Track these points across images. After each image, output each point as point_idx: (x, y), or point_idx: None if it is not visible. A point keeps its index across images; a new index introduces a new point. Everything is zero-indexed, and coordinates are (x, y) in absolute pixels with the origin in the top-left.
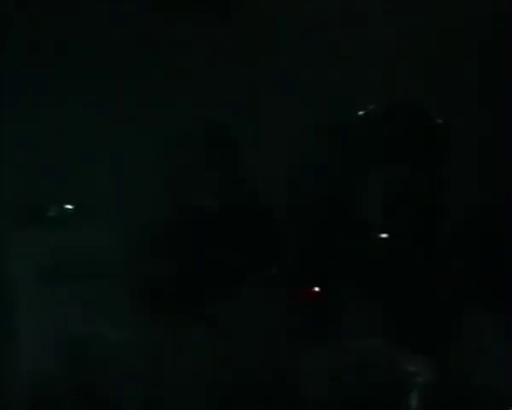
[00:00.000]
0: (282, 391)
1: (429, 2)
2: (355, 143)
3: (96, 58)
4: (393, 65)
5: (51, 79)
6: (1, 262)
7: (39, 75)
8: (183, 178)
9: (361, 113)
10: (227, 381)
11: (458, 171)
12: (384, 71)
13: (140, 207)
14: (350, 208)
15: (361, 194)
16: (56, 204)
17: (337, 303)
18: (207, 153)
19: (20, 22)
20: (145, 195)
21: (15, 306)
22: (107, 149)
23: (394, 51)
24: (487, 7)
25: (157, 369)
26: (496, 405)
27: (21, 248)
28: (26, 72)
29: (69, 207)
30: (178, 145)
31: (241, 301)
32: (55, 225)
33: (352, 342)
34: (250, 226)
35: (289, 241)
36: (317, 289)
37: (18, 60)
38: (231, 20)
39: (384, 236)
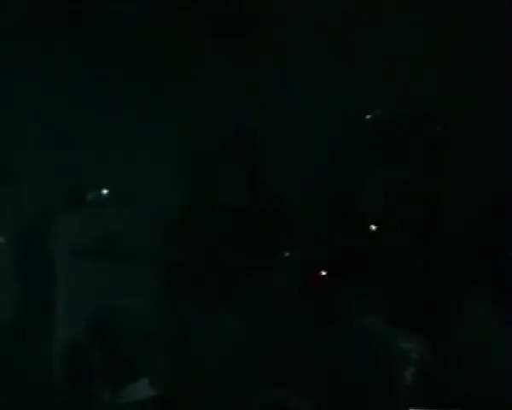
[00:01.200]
0: (294, 363)
1: (424, 5)
2: (360, 146)
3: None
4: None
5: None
6: (44, 240)
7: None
8: (211, 176)
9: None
10: (244, 353)
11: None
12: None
13: (173, 199)
14: (354, 204)
15: (364, 192)
16: (96, 189)
17: (342, 287)
18: (234, 154)
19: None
20: (178, 188)
21: (56, 279)
22: (145, 145)
23: (393, 56)
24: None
25: (183, 341)
26: (488, 381)
27: (62, 228)
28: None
29: (107, 191)
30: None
31: (258, 282)
32: (94, 207)
33: (352, 321)
34: (267, 220)
35: (302, 232)
36: (323, 273)
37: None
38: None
39: (384, 229)
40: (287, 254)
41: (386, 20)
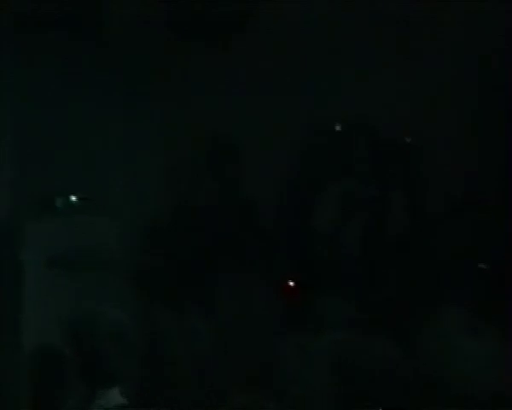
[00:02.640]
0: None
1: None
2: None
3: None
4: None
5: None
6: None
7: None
8: (185, 180)
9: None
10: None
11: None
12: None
13: (144, 204)
14: (318, 215)
15: (324, 203)
16: (67, 195)
17: (310, 297)
18: (211, 159)
19: None
20: (150, 192)
21: (25, 287)
22: (121, 148)
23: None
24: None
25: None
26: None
27: (33, 236)
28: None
29: (79, 198)
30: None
31: (230, 290)
32: (65, 215)
33: (326, 333)
34: (239, 228)
35: (271, 241)
36: (291, 283)
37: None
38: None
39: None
40: (257, 262)
41: (356, 27)
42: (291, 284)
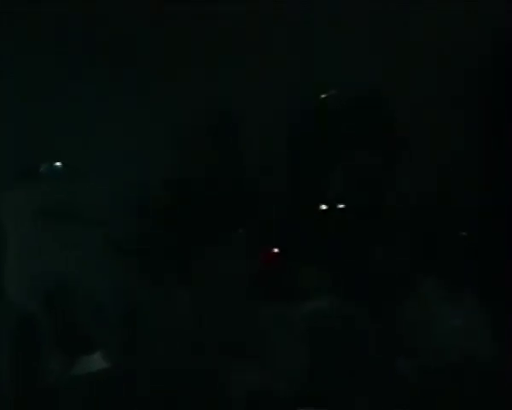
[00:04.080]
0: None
1: None
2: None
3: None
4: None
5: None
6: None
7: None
8: (169, 151)
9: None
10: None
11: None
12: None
13: (133, 175)
14: (314, 185)
15: (323, 174)
16: (58, 162)
17: (294, 265)
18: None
19: None
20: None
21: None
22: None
23: (356, 38)
24: None
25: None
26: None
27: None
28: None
29: (61, 165)
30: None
31: (213, 257)
32: (52, 182)
33: (305, 301)
34: (225, 195)
35: (260, 208)
36: (276, 250)
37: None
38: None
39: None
40: (242, 229)
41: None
42: (275, 251)
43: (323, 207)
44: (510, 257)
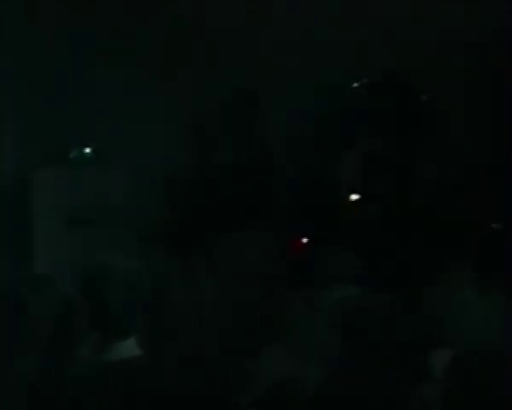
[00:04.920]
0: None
1: None
2: (343, 116)
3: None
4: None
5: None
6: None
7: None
8: (198, 136)
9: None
10: (221, 311)
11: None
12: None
13: (157, 160)
14: (336, 173)
15: (345, 161)
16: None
17: (322, 254)
18: (226, 116)
19: None
20: (165, 146)
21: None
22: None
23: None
24: None
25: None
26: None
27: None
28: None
29: (91, 150)
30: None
31: (241, 245)
32: (77, 167)
33: (333, 289)
34: (253, 183)
35: (284, 197)
36: (304, 240)
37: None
38: None
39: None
40: (270, 218)
41: None
42: (304, 240)
43: (353, 196)
44: None
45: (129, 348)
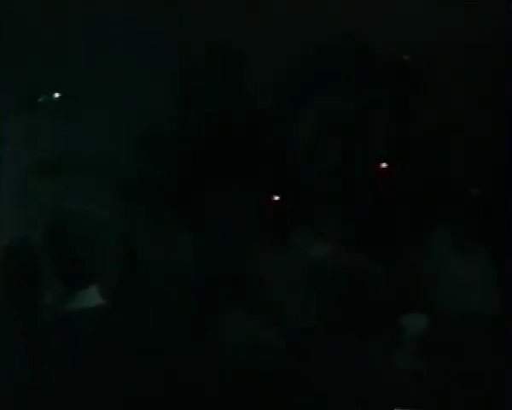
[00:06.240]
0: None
1: None
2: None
3: None
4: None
5: None
6: None
7: None
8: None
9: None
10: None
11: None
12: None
13: (137, 112)
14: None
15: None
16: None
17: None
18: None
19: None
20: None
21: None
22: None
23: None
24: None
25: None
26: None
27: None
28: None
29: (62, 95)
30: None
31: (217, 202)
32: (52, 114)
33: (306, 247)
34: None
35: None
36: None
37: None
38: None
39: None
40: (243, 177)
41: None
42: (276, 198)
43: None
44: None
45: (90, 297)
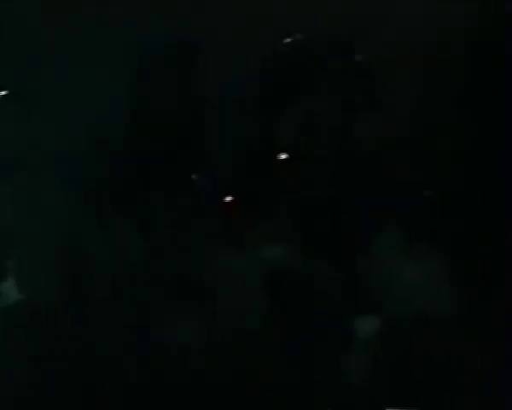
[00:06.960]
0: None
1: None
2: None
3: None
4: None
5: None
6: None
7: None
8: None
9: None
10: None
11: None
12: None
13: (88, 108)
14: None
15: (281, 120)
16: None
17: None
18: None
19: None
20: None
21: None
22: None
23: None
24: None
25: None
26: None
27: None
28: None
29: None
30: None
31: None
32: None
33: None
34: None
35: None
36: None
37: None
38: None
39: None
40: (201, 176)
41: None
42: (228, 199)
43: (283, 155)
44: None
45: (6, 290)
